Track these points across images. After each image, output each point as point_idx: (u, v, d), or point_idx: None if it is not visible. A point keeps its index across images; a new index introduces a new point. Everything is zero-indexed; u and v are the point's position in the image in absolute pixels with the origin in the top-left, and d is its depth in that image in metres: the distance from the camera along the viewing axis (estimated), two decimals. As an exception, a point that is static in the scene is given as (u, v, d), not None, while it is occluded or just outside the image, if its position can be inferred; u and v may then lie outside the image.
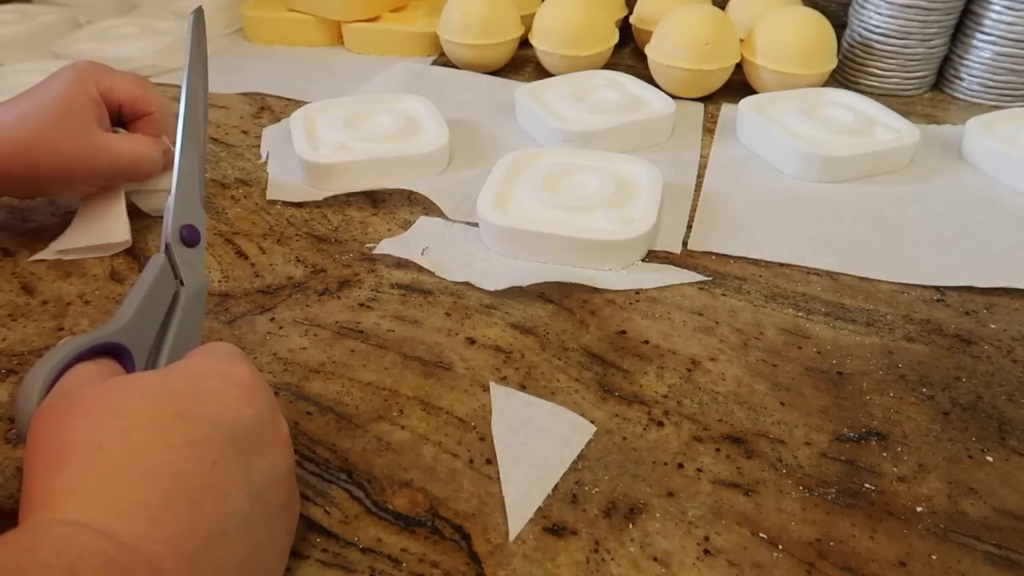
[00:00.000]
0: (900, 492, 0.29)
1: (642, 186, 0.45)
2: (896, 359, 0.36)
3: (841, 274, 0.42)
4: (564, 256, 0.41)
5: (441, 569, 0.26)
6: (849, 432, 0.32)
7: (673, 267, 0.42)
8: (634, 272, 0.41)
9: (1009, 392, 0.34)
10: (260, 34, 0.75)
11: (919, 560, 0.27)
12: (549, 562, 0.26)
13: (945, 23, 0.62)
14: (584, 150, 0.50)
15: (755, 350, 0.36)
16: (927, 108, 0.63)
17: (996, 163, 0.51)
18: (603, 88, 0.58)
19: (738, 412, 0.33)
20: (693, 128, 0.58)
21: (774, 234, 0.45)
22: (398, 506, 0.28)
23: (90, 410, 0.21)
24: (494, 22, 0.65)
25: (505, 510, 0.28)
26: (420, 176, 0.49)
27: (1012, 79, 0.61)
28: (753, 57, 0.61)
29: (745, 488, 0.29)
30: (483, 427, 0.32)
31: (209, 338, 0.36)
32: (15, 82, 0.60)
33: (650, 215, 0.42)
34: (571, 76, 0.60)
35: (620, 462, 0.30)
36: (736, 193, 0.49)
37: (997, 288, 0.40)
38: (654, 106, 0.56)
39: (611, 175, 0.46)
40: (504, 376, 0.34)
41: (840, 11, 0.71)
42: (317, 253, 0.43)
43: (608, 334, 0.37)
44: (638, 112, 0.55)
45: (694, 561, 0.27)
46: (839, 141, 0.51)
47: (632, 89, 0.59)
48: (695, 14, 0.60)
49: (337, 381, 0.34)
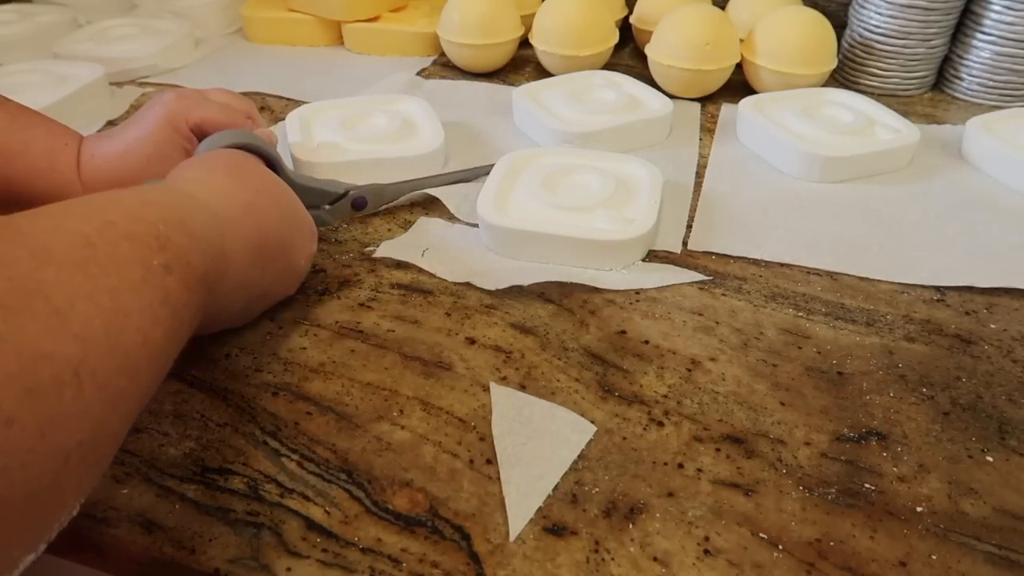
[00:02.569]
0: (900, 492, 0.29)
1: (642, 186, 0.45)
2: (896, 359, 0.36)
3: (841, 274, 0.42)
4: (565, 256, 0.41)
5: (441, 569, 0.26)
6: (849, 432, 0.32)
7: (674, 267, 0.42)
8: (635, 272, 0.41)
9: (1009, 392, 0.34)
10: (260, 34, 0.75)
11: (919, 560, 0.27)
12: (549, 562, 0.26)
13: (945, 23, 0.62)
14: (583, 150, 0.50)
15: (755, 350, 0.36)
16: (927, 108, 0.63)
17: (996, 163, 0.51)
18: (601, 88, 0.58)
19: (738, 412, 0.33)
20: (691, 128, 0.58)
21: (774, 234, 0.45)
22: (398, 506, 0.28)
23: (223, 156, 0.37)
24: (494, 22, 0.65)
25: (505, 510, 0.28)
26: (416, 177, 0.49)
27: (1012, 79, 0.61)
28: (753, 57, 0.61)
29: (745, 488, 0.29)
30: (483, 427, 0.32)
31: (208, 340, 0.36)
32: (15, 82, 0.61)
33: (650, 215, 0.42)
34: (569, 76, 0.60)
35: (620, 462, 0.30)
36: (736, 193, 0.49)
37: (997, 288, 0.40)
38: (652, 106, 0.56)
39: (611, 175, 0.46)
40: (504, 376, 0.34)
41: (840, 11, 0.71)
42: (317, 253, 0.43)
43: (608, 334, 0.37)
44: (636, 112, 0.55)
45: (694, 561, 0.27)
46: (839, 141, 0.51)
47: (630, 89, 0.59)
48: (695, 14, 0.60)
49: (337, 381, 0.34)
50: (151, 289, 0.24)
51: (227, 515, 0.28)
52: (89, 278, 0.22)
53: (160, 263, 0.25)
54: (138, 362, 0.23)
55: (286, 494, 0.29)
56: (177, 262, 0.25)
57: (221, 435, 0.31)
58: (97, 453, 0.21)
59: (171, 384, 0.33)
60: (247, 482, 0.29)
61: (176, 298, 0.25)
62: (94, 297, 0.21)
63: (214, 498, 0.29)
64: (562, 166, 0.47)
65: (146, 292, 0.24)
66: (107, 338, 0.21)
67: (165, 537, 0.27)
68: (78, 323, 0.21)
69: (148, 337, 0.23)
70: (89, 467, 0.21)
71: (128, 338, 0.22)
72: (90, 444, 0.20)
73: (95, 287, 0.22)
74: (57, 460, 0.19)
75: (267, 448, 0.31)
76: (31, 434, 0.18)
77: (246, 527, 0.27)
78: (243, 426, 0.32)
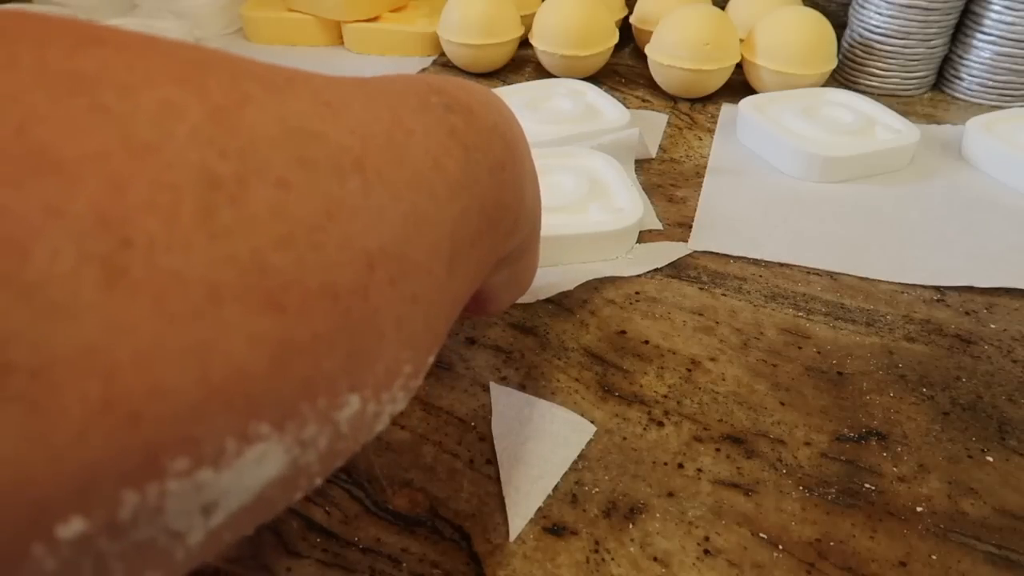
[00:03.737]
0: (900, 492, 0.29)
1: (605, 174, 0.46)
2: (896, 359, 0.36)
3: (841, 274, 0.42)
4: (570, 255, 0.41)
5: (441, 569, 0.26)
6: (849, 432, 0.32)
7: (668, 243, 0.43)
8: (639, 254, 0.43)
9: (1009, 392, 0.34)
10: (260, 34, 0.75)
11: (919, 560, 0.27)
12: (549, 562, 0.26)
13: (945, 23, 0.62)
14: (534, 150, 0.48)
15: (755, 350, 0.36)
16: (927, 108, 0.63)
17: (996, 163, 0.51)
18: (560, 98, 0.57)
19: (738, 412, 0.33)
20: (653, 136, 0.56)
21: (774, 234, 0.45)
22: (398, 506, 0.28)
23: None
24: (494, 22, 0.65)
25: (505, 510, 0.28)
26: None
27: (1012, 79, 0.61)
28: (753, 57, 0.61)
29: (745, 488, 0.29)
30: (483, 427, 0.32)
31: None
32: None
33: (637, 199, 0.43)
34: (528, 85, 0.59)
35: (620, 462, 0.30)
36: (736, 193, 0.49)
37: (997, 288, 0.40)
38: (607, 116, 0.54)
39: (575, 170, 0.46)
40: (504, 376, 0.34)
41: (840, 11, 0.71)
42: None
43: (608, 334, 0.37)
44: (592, 122, 0.53)
45: (694, 561, 0.27)
46: (839, 141, 0.51)
47: (591, 99, 0.57)
48: (695, 14, 0.60)
49: (337, 381, 0.34)
50: (433, 118, 0.20)
51: (227, 515, 0.28)
52: (362, 91, 0.19)
53: (439, 102, 0.21)
54: (434, 184, 0.19)
55: (286, 494, 0.29)
56: (458, 105, 0.21)
57: (221, 435, 0.31)
58: (411, 286, 0.17)
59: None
60: (247, 482, 0.29)
61: (465, 137, 0.21)
62: (369, 106, 0.18)
63: (214, 498, 0.29)
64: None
65: (428, 118, 0.20)
66: (390, 144, 0.18)
67: (165, 537, 0.27)
68: (353, 119, 0.17)
69: (439, 162, 0.19)
70: (406, 302, 0.17)
71: (415, 154, 0.18)
72: (397, 263, 0.16)
73: (368, 98, 0.19)
74: (356, 256, 0.15)
75: (267, 448, 0.31)
76: (313, 209, 0.14)
77: (246, 527, 0.27)
78: (243, 426, 0.32)
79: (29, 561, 0.11)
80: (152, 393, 0.11)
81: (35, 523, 0.11)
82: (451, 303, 0.21)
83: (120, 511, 0.12)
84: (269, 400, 0.13)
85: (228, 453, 0.13)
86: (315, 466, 0.16)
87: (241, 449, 0.13)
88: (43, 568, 0.11)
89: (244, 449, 0.13)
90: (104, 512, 0.11)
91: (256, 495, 0.14)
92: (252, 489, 0.14)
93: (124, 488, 0.11)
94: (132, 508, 0.12)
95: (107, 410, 0.11)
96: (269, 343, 0.13)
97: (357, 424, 0.16)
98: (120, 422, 0.11)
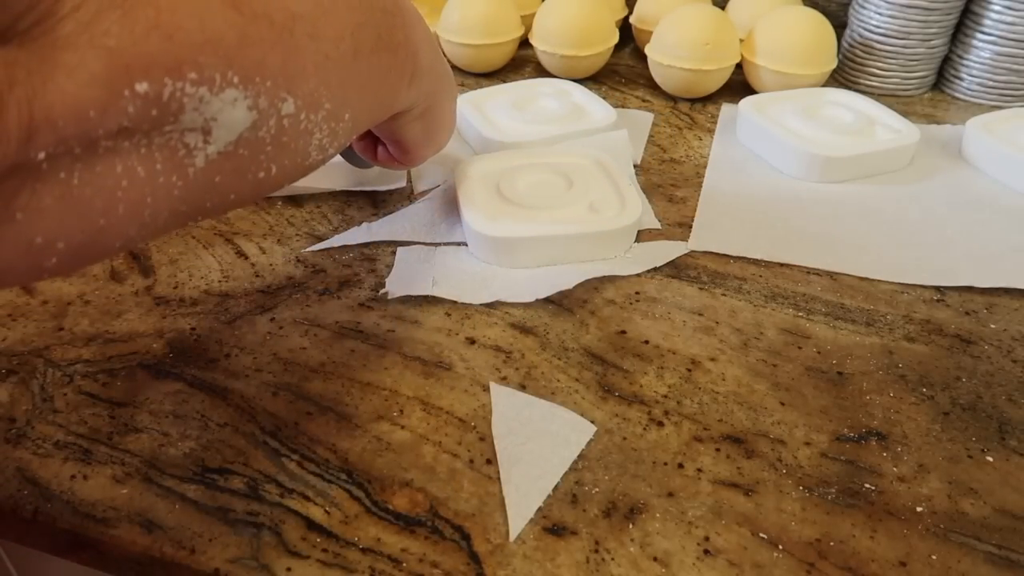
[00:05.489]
0: (900, 492, 0.29)
1: (597, 173, 0.46)
2: (896, 359, 0.36)
3: (841, 274, 0.42)
4: (572, 254, 0.41)
5: (441, 569, 0.26)
6: (849, 432, 0.32)
7: (666, 242, 0.43)
8: (638, 253, 0.43)
9: (1009, 392, 0.34)
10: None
11: (919, 560, 0.27)
12: (549, 562, 0.26)
13: (945, 23, 0.62)
14: (525, 151, 0.48)
15: (755, 350, 0.36)
16: (927, 108, 0.63)
17: (996, 163, 0.51)
18: (546, 97, 0.57)
19: (738, 412, 0.33)
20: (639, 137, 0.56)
21: (774, 234, 0.45)
22: (398, 506, 0.28)
23: None
24: (494, 22, 0.65)
25: (505, 510, 0.28)
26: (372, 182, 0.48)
27: (1012, 79, 0.61)
28: (753, 57, 0.61)
29: (745, 488, 0.29)
30: (483, 427, 0.32)
31: (208, 340, 0.36)
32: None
33: (635, 197, 0.43)
34: (514, 85, 0.59)
35: (620, 462, 0.30)
36: (736, 193, 0.49)
37: (997, 288, 0.40)
38: (595, 116, 0.54)
39: (576, 170, 0.46)
40: (504, 376, 0.34)
41: (840, 11, 0.71)
42: (317, 253, 0.43)
43: (608, 334, 0.37)
44: (579, 122, 0.53)
45: (694, 561, 0.27)
46: (839, 141, 0.51)
47: (577, 99, 0.57)
48: (695, 14, 0.60)
49: (337, 381, 0.34)
50: None
51: (227, 515, 0.28)
52: None
53: None
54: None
55: (286, 494, 0.29)
56: None
57: (221, 435, 0.31)
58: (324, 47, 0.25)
59: (171, 384, 0.34)
60: (247, 482, 0.29)
61: None
62: None
63: (214, 498, 0.29)
64: (515, 168, 0.46)
65: None
66: None
67: (165, 537, 0.27)
68: None
69: None
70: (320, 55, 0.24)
71: None
72: (312, 26, 0.24)
73: None
74: (285, 7, 0.23)
75: (267, 448, 0.31)
76: None
77: (246, 527, 0.27)
78: (243, 426, 0.32)
79: (122, 100, 0.19)
80: (178, 28, 0.19)
81: (126, 74, 0.19)
82: (358, 87, 0.28)
83: (163, 91, 0.19)
84: (237, 63, 0.21)
85: (216, 84, 0.21)
86: (270, 147, 0.24)
87: (223, 86, 0.21)
88: (127, 110, 0.19)
89: (225, 87, 0.21)
90: (155, 88, 0.19)
91: (234, 142, 0.22)
92: (233, 130, 0.22)
93: (165, 75, 0.19)
94: (168, 92, 0.19)
95: (157, 28, 0.19)
96: (235, 27, 0.21)
97: (294, 126, 0.24)
98: (163, 36, 0.19)
